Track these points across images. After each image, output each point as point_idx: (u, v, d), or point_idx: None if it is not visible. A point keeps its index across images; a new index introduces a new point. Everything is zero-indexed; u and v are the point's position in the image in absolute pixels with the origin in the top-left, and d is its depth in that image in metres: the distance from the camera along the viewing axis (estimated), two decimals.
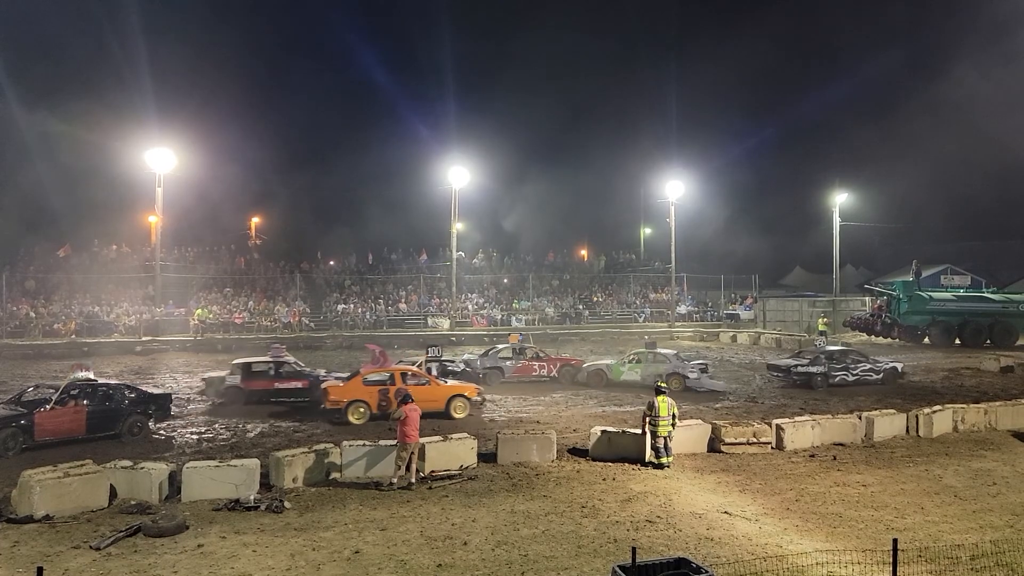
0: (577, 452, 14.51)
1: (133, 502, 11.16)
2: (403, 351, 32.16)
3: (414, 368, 19.63)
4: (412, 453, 12.45)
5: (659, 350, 24.54)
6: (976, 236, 62.59)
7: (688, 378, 22.53)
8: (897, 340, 38.98)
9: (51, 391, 15.45)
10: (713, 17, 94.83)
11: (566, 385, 23.69)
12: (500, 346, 25.98)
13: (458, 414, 18.23)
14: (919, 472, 13.58)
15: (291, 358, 21.86)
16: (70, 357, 28.56)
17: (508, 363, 24.25)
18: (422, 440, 13.10)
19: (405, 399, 12.97)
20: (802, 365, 23.51)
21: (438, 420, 17.67)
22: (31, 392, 16.00)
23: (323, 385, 18.83)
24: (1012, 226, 61.13)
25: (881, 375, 23.84)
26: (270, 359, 20.95)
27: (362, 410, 17.78)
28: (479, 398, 18.83)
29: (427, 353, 22.06)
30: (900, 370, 24.51)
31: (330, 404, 17.96)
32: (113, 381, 17.90)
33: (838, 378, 23.24)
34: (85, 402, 15.43)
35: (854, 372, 23.60)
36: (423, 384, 18.38)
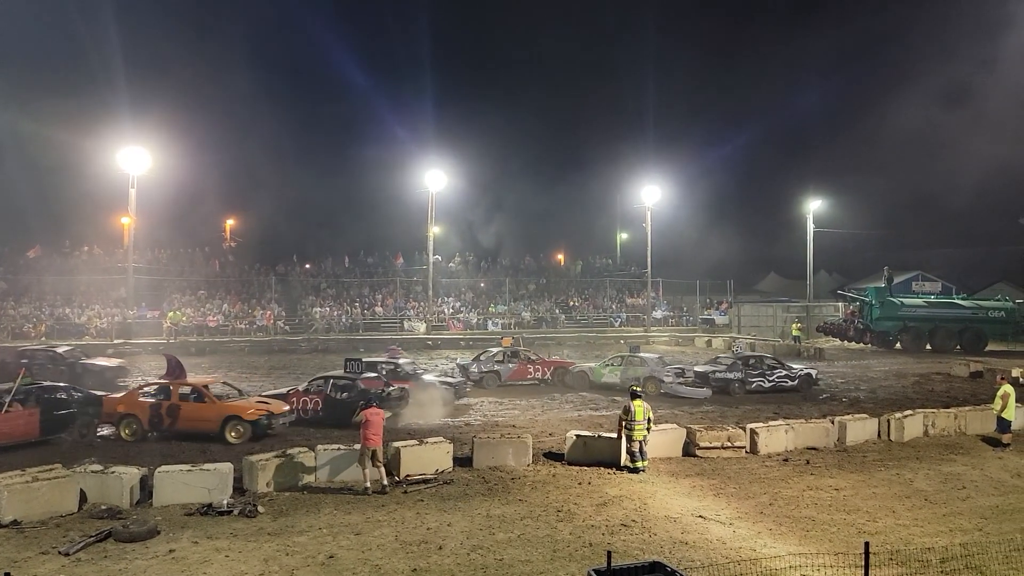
0: (553, 456, 14.51)
1: (103, 507, 10.98)
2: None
3: (208, 380, 17.56)
4: (373, 456, 12.20)
5: (641, 354, 24.78)
6: (947, 243, 63.75)
7: (663, 382, 22.64)
8: (869, 345, 39.48)
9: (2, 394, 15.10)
10: (690, 24, 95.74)
11: (558, 388, 23.86)
12: (493, 350, 25.92)
13: (233, 439, 15.59)
14: (890, 476, 13.75)
15: (407, 359, 21.64)
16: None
17: (505, 367, 24.29)
18: (398, 444, 13.05)
19: (368, 403, 12.88)
20: (720, 371, 23.50)
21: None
22: None
23: (105, 396, 17.14)
24: (982, 233, 62.36)
25: (796, 381, 23.86)
26: (387, 359, 20.74)
27: (134, 426, 16.03)
28: (266, 420, 15.92)
29: (355, 367, 19.26)
30: (814, 377, 24.63)
31: (104, 418, 16.38)
32: (61, 383, 17.62)
33: (755, 384, 23.33)
34: (37, 405, 15.27)
35: (770, 379, 23.64)
36: (198, 401, 16.18)
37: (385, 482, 12.20)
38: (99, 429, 16.39)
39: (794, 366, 25.08)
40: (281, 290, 45.43)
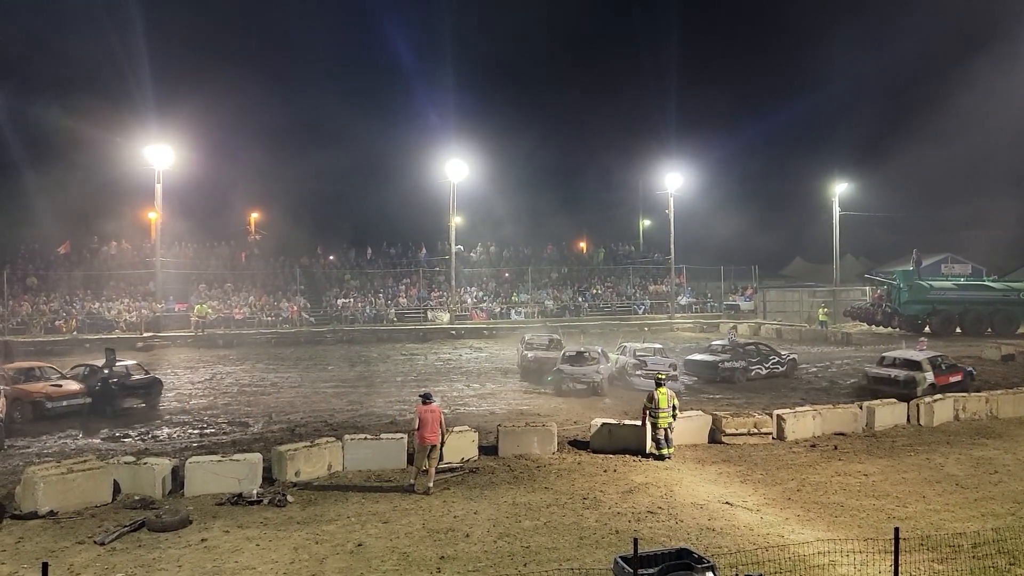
0: (578, 444, 14.53)
1: (137, 497, 11.19)
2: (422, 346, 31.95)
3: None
4: (430, 452, 11.77)
5: (629, 343, 24.79)
6: (977, 225, 62.43)
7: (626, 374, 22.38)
8: (897, 329, 38.96)
9: None
10: (714, 7, 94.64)
11: None
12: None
13: None
14: (920, 461, 13.61)
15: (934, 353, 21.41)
16: (72, 354, 28.61)
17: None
18: None
19: (425, 399, 12.31)
20: (726, 361, 23.18)
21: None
22: None
23: None
24: (1013, 214, 61.01)
25: (784, 367, 24.02)
26: (910, 357, 20.57)
27: None
28: None
29: (107, 357, 18.82)
30: (796, 361, 25.04)
31: None
32: None
33: (753, 372, 23.29)
34: None
35: (766, 366, 23.66)
36: None
37: (430, 484, 11.68)
38: None
39: (782, 351, 25.22)
40: (305, 282, 45.77)
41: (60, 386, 17.58)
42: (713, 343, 26.48)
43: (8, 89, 46.01)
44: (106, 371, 18.39)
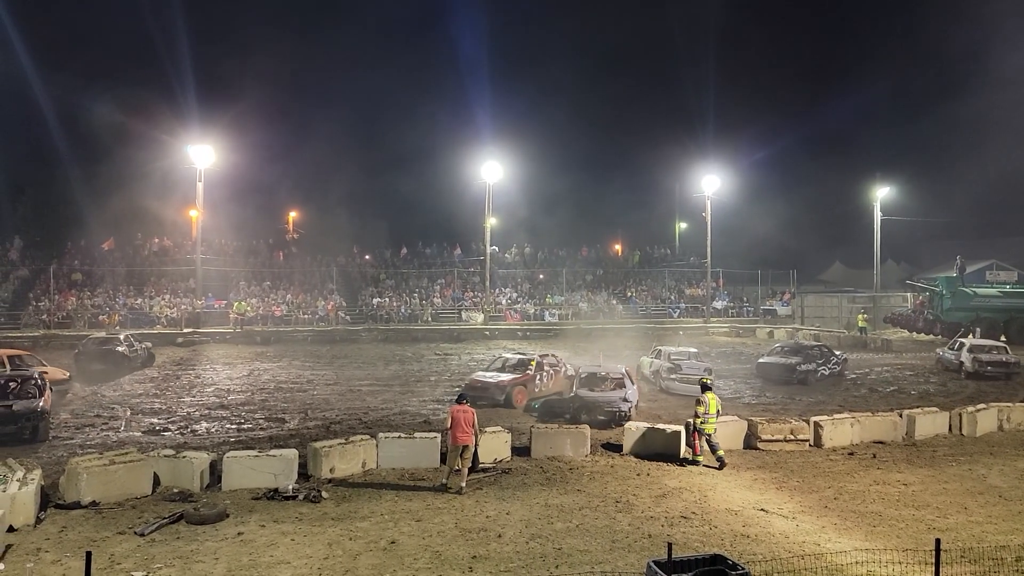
0: (611, 447, 14.47)
1: (176, 490, 11.40)
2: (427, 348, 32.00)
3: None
4: (463, 452, 11.86)
5: (664, 347, 24.81)
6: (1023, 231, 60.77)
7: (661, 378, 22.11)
8: (939, 337, 38.11)
9: None
10: (752, 9, 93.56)
11: None
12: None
13: None
14: (962, 471, 13.31)
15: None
16: None
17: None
18: None
19: (459, 399, 12.37)
20: (802, 363, 23.50)
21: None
22: None
23: None
24: None
25: (839, 367, 24.63)
26: None
27: None
28: None
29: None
30: (848, 361, 26.05)
31: None
32: None
33: (819, 373, 23.65)
34: None
35: (828, 366, 24.18)
36: None
37: (463, 484, 11.72)
38: None
39: (836, 352, 25.88)
40: (342, 281, 46.27)
41: (47, 372, 18.92)
42: (774, 346, 27.26)
43: (55, 88, 47.24)
44: None
